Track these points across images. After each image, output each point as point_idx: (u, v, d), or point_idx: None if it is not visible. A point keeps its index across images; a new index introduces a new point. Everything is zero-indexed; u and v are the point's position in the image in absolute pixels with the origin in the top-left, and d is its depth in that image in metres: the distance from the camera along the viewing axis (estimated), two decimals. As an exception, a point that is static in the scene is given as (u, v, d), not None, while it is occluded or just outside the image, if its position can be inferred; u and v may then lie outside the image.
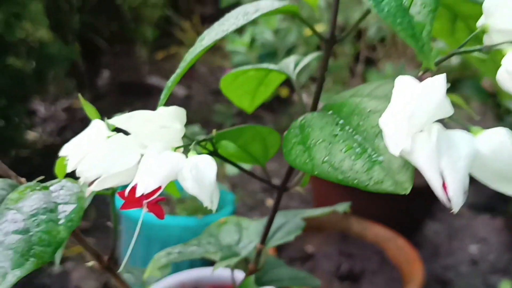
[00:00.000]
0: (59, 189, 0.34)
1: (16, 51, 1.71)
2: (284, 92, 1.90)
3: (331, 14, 0.38)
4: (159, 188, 0.31)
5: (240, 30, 2.05)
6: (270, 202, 1.98)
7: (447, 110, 0.24)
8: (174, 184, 0.47)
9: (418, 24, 0.26)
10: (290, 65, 0.46)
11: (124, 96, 2.57)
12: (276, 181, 0.46)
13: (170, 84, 0.34)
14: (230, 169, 1.44)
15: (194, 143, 0.34)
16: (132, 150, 0.33)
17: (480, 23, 0.30)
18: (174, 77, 0.34)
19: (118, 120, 0.33)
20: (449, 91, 0.24)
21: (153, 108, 0.33)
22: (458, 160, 0.23)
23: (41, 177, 0.36)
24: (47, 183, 0.35)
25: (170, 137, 0.33)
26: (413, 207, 1.58)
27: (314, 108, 0.40)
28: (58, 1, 2.29)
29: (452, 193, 0.23)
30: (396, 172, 0.26)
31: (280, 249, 1.40)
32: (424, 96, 0.24)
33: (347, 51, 1.57)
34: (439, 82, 0.24)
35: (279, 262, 0.57)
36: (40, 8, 2.03)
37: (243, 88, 0.49)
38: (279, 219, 0.53)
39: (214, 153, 0.37)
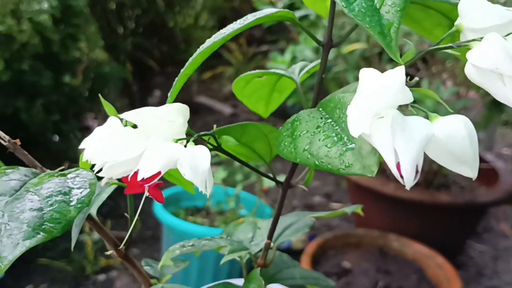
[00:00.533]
0: (75, 176, 0.38)
1: (72, 70, 1.81)
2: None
3: (329, 19, 0.40)
4: (159, 173, 0.34)
5: (281, 49, 2.09)
6: (312, 219, 1.99)
7: (407, 97, 0.26)
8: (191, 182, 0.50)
9: (387, 23, 0.29)
10: (296, 70, 0.49)
11: (173, 114, 2.65)
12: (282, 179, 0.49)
13: (176, 83, 0.38)
14: (268, 182, 1.46)
15: (195, 135, 0.37)
16: (138, 141, 0.36)
17: (456, 23, 0.32)
18: (180, 75, 0.38)
19: (128, 114, 0.37)
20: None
21: (202, 125, 0.37)
22: (410, 141, 0.25)
23: (63, 167, 0.40)
24: (65, 171, 0.39)
25: (174, 130, 0.37)
26: (455, 226, 1.55)
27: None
28: (113, 24, 2.41)
29: (404, 171, 0.25)
30: (365, 157, 0.28)
31: (316, 263, 1.41)
32: (383, 84, 0.26)
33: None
34: (398, 72, 0.26)
35: (294, 262, 0.59)
36: (95, 30, 2.15)
37: (257, 95, 0.52)
38: (290, 218, 0.55)
39: (217, 148, 0.40)
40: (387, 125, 0.25)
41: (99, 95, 0.43)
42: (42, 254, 1.60)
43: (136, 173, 0.34)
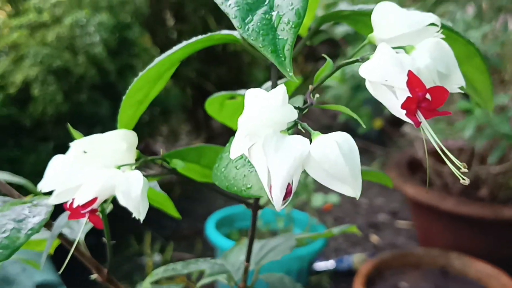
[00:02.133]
0: (36, 204, 0.40)
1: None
2: (378, 123, 1.87)
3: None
4: (95, 199, 0.35)
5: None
6: (374, 238, 1.93)
7: (288, 116, 0.26)
8: (172, 204, 0.51)
9: (281, 41, 0.28)
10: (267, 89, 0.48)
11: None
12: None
13: (121, 110, 0.39)
14: (316, 201, 1.44)
15: (141, 161, 0.38)
16: (84, 169, 0.38)
17: (369, 34, 0.31)
18: (122, 102, 0.39)
19: (77, 143, 0.38)
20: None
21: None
22: (282, 161, 0.24)
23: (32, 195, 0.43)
24: (29, 199, 0.41)
25: (117, 156, 0.38)
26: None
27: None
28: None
29: (273, 192, 0.24)
30: (264, 179, 0.28)
31: (371, 284, 1.36)
32: (258, 105, 0.25)
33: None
34: (277, 92, 0.26)
35: (295, 285, 0.58)
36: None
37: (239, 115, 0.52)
38: (276, 240, 0.54)
39: (171, 170, 0.41)
40: (259, 146, 0.25)
41: (68, 124, 0.45)
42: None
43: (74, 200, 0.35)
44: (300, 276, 1.43)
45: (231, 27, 0.32)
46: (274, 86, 0.41)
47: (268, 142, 0.24)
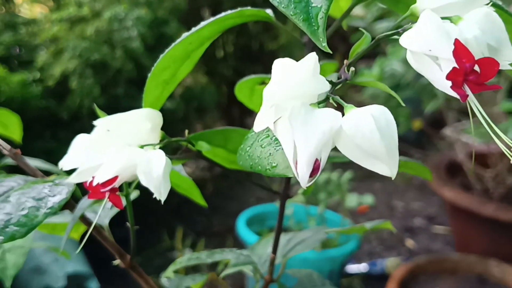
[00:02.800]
0: (58, 183, 0.39)
1: (170, 94, 1.90)
2: (417, 124, 1.81)
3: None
4: (115, 178, 0.34)
5: (369, 63, 2.02)
6: (410, 242, 1.87)
7: (319, 88, 0.23)
8: (198, 189, 0.49)
9: (314, 8, 0.26)
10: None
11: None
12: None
13: (146, 87, 0.37)
14: (350, 201, 1.40)
15: (165, 141, 0.37)
16: (108, 148, 0.36)
17: (412, 6, 0.28)
18: (148, 79, 0.37)
19: (101, 121, 0.37)
20: None
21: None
22: (309, 135, 0.22)
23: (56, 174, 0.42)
24: (50, 178, 0.40)
25: (140, 135, 0.36)
26: None
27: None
28: (215, 50, 2.50)
29: (300, 167, 0.22)
30: (291, 158, 0.26)
31: (405, 290, 1.32)
32: (287, 74, 0.23)
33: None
34: (307, 61, 0.23)
35: (323, 281, 0.55)
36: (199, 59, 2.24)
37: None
38: (304, 233, 0.52)
39: (196, 154, 0.39)
40: (285, 119, 0.22)
41: (94, 104, 0.43)
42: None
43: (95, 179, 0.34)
44: (331, 278, 1.40)
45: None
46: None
47: (295, 115, 0.22)
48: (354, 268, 1.63)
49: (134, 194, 0.52)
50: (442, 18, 0.26)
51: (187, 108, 1.99)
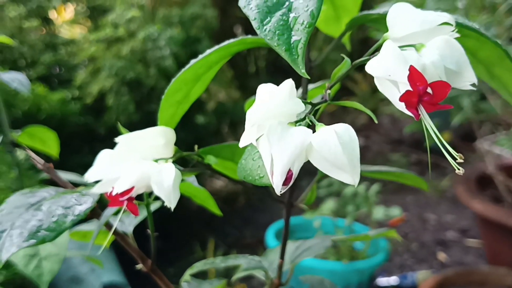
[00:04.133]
0: (82, 194, 0.44)
1: (200, 109, 1.97)
2: (445, 137, 1.81)
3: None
4: (132, 188, 0.38)
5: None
6: (442, 255, 1.86)
7: (295, 109, 0.27)
8: (213, 200, 0.53)
9: (295, 41, 0.30)
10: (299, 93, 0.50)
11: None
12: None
13: (161, 107, 0.42)
14: (377, 213, 1.42)
15: (177, 155, 0.41)
16: (127, 162, 0.41)
17: (384, 34, 0.32)
18: (162, 101, 0.42)
19: (121, 138, 0.42)
20: None
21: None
22: (283, 149, 0.26)
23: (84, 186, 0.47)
24: (78, 189, 0.45)
25: (155, 150, 0.41)
26: None
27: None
28: (247, 65, 2.56)
29: (275, 177, 0.26)
30: (276, 169, 0.29)
31: (432, 301, 1.32)
32: (266, 98, 0.27)
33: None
34: (284, 86, 0.27)
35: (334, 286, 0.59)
36: (232, 74, 2.31)
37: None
38: (312, 241, 0.55)
39: (206, 166, 0.43)
40: (264, 136, 0.26)
41: (118, 122, 0.48)
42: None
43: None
44: (360, 290, 1.41)
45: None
46: (304, 90, 0.42)
47: (272, 132, 0.26)
48: (384, 281, 1.64)
49: (156, 205, 0.57)
50: (409, 45, 0.30)
51: (220, 122, 2.05)
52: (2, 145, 0.83)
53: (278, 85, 0.30)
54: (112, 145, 0.44)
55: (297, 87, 0.34)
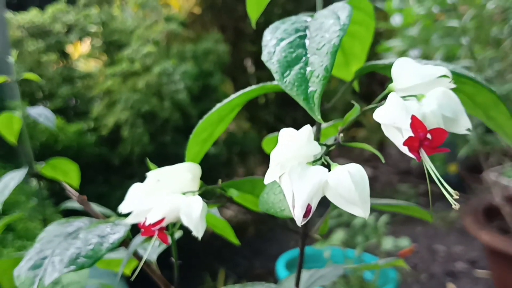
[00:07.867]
0: (117, 224, 0.48)
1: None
2: (453, 168, 1.84)
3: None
4: (163, 219, 0.42)
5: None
6: (451, 286, 1.87)
7: (312, 150, 0.32)
8: (232, 229, 0.57)
9: (312, 91, 0.35)
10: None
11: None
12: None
13: (188, 148, 0.47)
14: (386, 244, 1.44)
15: (203, 189, 0.45)
16: (157, 195, 0.45)
17: (390, 85, 0.36)
18: (189, 142, 0.46)
19: (151, 173, 0.46)
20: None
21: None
22: (303, 187, 0.30)
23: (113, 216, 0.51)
24: (111, 219, 0.49)
25: (183, 184, 0.45)
26: None
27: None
28: (256, 98, 2.61)
29: (296, 210, 0.30)
30: (296, 202, 0.34)
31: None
32: (288, 141, 0.32)
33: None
34: (303, 131, 0.32)
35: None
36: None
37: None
38: (324, 270, 0.58)
39: (228, 199, 0.47)
40: (286, 175, 0.31)
41: (147, 158, 0.53)
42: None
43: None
44: (369, 320, 1.43)
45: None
46: (318, 129, 0.47)
47: (293, 172, 0.31)
48: (394, 311, 1.65)
49: (178, 234, 0.61)
50: (411, 95, 0.34)
51: (230, 153, 2.09)
52: (27, 176, 0.87)
53: (285, 118, 0.34)
54: (126, 175, 0.48)
55: (309, 122, 0.38)
